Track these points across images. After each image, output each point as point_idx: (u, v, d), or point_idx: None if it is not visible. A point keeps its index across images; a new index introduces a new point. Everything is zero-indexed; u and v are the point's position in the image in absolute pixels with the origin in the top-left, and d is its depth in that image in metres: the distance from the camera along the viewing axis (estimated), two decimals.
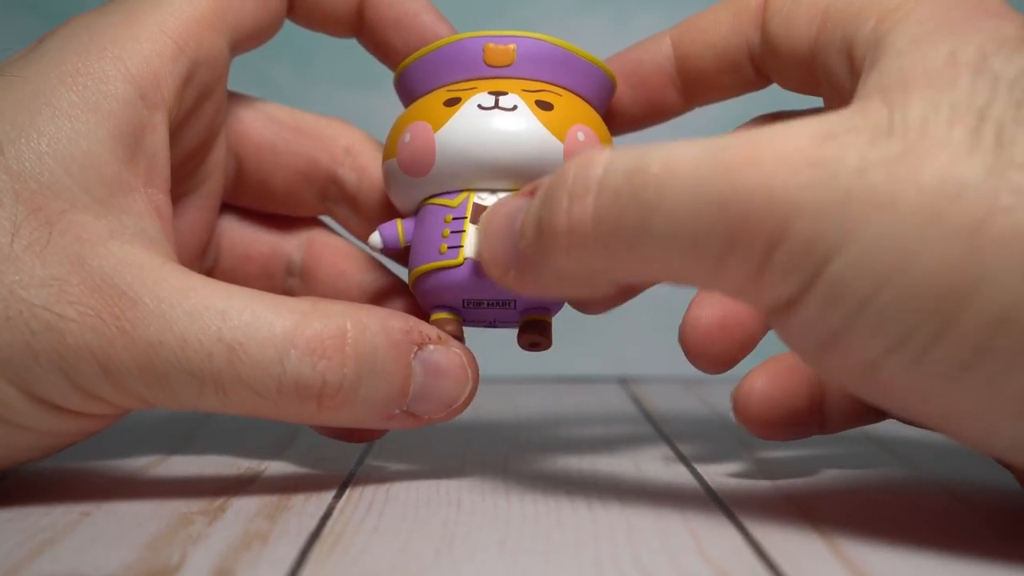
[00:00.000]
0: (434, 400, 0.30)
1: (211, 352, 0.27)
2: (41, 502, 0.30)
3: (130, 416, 0.46)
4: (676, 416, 0.47)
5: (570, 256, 0.26)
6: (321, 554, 0.25)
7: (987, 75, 0.23)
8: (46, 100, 0.29)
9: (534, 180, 0.28)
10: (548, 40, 0.32)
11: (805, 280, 0.23)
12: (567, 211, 0.25)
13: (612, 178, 0.25)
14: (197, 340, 0.28)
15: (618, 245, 0.25)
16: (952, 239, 0.22)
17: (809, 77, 0.31)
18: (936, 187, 0.22)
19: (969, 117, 0.23)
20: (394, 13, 0.34)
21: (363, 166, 0.35)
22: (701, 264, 0.24)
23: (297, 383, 0.28)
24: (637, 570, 0.24)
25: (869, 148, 0.23)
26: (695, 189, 0.23)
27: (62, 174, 0.28)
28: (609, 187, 0.25)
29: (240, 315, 0.28)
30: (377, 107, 0.36)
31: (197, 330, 0.28)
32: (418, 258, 0.32)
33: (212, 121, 0.34)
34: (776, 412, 0.31)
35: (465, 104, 0.31)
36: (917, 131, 0.23)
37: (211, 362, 0.28)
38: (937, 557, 0.24)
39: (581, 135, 0.31)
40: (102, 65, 0.30)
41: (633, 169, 0.24)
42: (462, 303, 0.32)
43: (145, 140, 0.30)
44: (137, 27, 0.31)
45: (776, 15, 0.31)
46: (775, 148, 0.23)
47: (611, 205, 0.25)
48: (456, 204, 0.31)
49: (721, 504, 0.29)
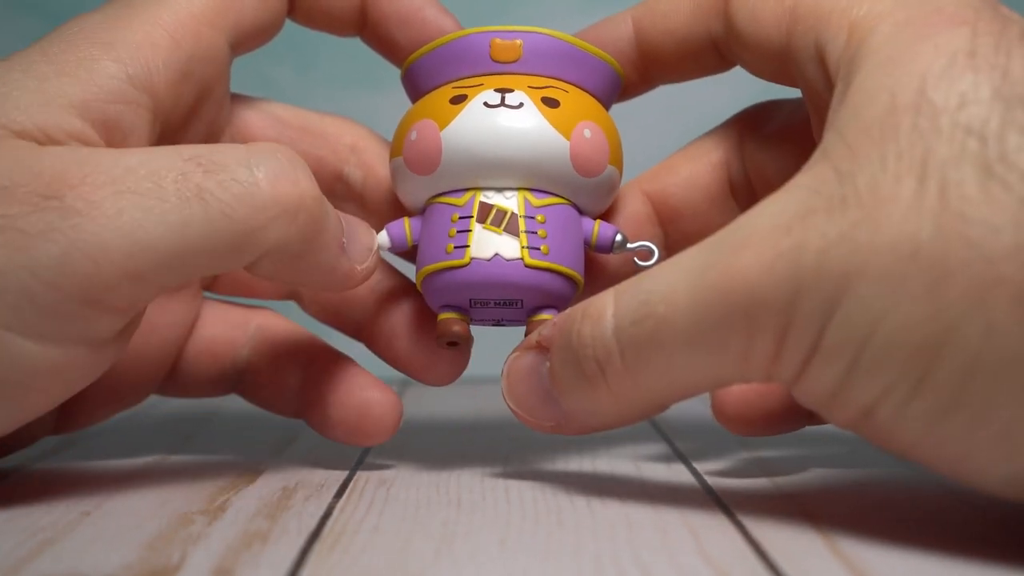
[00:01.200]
0: (358, 242, 0.31)
1: (184, 171, 0.27)
2: (41, 502, 0.30)
3: (130, 416, 0.46)
4: (676, 416, 0.47)
5: (617, 406, 0.28)
6: (321, 554, 0.25)
7: (927, 113, 0.24)
8: (21, 67, 0.29)
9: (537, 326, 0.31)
10: (554, 35, 0.32)
11: (809, 350, 0.24)
12: (601, 374, 0.27)
13: (627, 332, 0.26)
14: (166, 168, 0.27)
15: (656, 381, 0.27)
16: (917, 299, 0.23)
17: (781, 71, 0.30)
18: (892, 249, 0.23)
19: (913, 167, 0.23)
20: (397, 9, 0.34)
21: (368, 163, 0.35)
22: (728, 367, 0.25)
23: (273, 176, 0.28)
24: (637, 569, 0.24)
25: (828, 225, 0.24)
26: (700, 316, 0.25)
27: (17, 114, 0.28)
28: (627, 340, 0.26)
29: (200, 147, 0.28)
30: (380, 107, 0.36)
31: (165, 160, 0.27)
32: (425, 258, 0.32)
33: (214, 121, 0.34)
34: (751, 411, 0.32)
35: (471, 102, 0.31)
36: (868, 195, 0.23)
37: (187, 180, 0.27)
38: (937, 557, 0.24)
39: (587, 132, 0.31)
40: (90, 48, 0.30)
41: (640, 316, 0.26)
42: (469, 302, 0.32)
43: (124, 116, 0.30)
44: (132, 20, 0.31)
45: (741, 9, 0.31)
46: (751, 255, 0.24)
47: (636, 356, 0.26)
48: (463, 203, 0.31)
49: (721, 503, 0.29)
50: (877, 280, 0.23)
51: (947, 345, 0.22)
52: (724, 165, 0.34)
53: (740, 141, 0.34)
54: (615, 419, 0.28)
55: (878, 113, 0.24)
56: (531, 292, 0.31)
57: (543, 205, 0.31)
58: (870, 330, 0.23)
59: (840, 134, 0.25)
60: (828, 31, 0.27)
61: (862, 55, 0.26)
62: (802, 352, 0.24)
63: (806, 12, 0.28)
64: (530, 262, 0.31)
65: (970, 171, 0.23)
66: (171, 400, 0.51)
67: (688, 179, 0.34)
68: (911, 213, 0.23)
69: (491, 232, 0.31)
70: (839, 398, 0.24)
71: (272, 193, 0.28)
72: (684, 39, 0.33)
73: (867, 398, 0.24)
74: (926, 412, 0.23)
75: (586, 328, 0.27)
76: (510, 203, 0.31)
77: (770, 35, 0.30)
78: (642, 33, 0.33)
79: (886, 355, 0.23)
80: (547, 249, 0.31)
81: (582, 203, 0.32)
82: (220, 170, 0.27)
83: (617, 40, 0.34)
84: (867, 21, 0.26)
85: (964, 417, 0.23)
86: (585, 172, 0.31)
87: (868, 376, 0.23)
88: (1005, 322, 0.22)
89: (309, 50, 0.60)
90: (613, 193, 0.33)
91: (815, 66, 0.28)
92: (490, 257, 0.31)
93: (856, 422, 0.25)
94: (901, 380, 0.23)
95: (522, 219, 0.31)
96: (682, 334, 0.25)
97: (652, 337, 0.26)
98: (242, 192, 0.27)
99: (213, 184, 0.27)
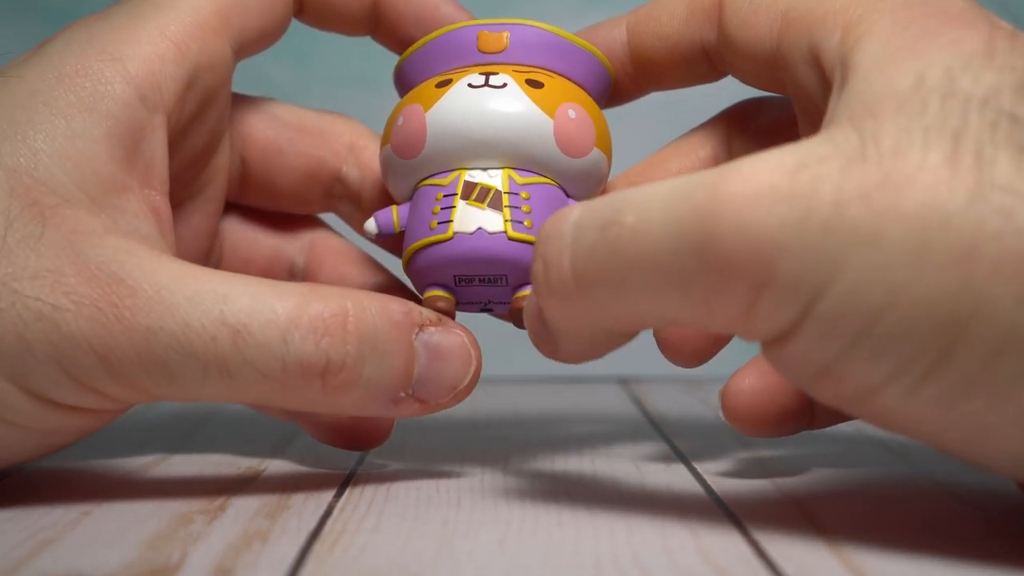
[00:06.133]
0: (438, 383, 0.29)
1: (214, 335, 0.27)
2: (41, 501, 0.30)
3: (130, 416, 0.46)
4: (676, 416, 0.47)
5: (561, 316, 0.26)
6: (321, 553, 0.25)
7: (957, 96, 0.23)
8: (43, 99, 0.29)
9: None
10: (541, 27, 0.32)
11: (796, 316, 0.22)
12: (544, 273, 0.25)
13: (585, 234, 0.24)
14: (200, 324, 0.27)
15: (604, 298, 0.25)
16: (943, 269, 0.21)
17: (771, 77, 0.30)
18: (920, 217, 0.21)
19: (944, 141, 0.22)
20: (413, 10, 0.34)
21: (365, 162, 0.35)
22: (689, 308, 0.24)
23: (301, 361, 0.28)
24: (637, 569, 0.24)
25: (844, 178, 0.22)
26: (672, 235, 0.23)
27: (57, 170, 0.28)
28: (583, 243, 0.24)
29: (241, 298, 0.28)
30: (377, 106, 0.36)
31: (199, 314, 0.27)
32: (410, 238, 0.32)
33: (215, 126, 0.34)
34: (765, 410, 0.31)
35: (456, 84, 0.31)
36: (892, 158, 0.22)
37: (215, 345, 0.27)
38: (937, 556, 0.24)
39: (572, 112, 0.31)
40: (101, 66, 0.30)
41: (607, 222, 0.24)
42: (454, 280, 0.31)
43: (143, 142, 0.30)
44: (138, 30, 0.31)
45: (734, 16, 0.31)
46: (746, 182, 0.22)
47: (588, 262, 0.24)
48: (447, 183, 0.31)
49: (721, 503, 0.29)
50: (897, 248, 0.21)
51: (975, 320, 0.21)
52: (713, 160, 0.34)
53: (728, 137, 0.34)
54: (572, 340, 0.27)
55: (904, 88, 0.23)
56: (515, 267, 0.31)
57: (528, 183, 0.31)
58: (884, 303, 0.22)
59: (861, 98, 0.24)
60: (822, 31, 0.27)
61: (866, 45, 0.25)
62: (785, 315, 0.22)
63: (798, 16, 0.28)
64: (513, 235, 0.30)
65: (1004, 148, 0.22)
66: None
67: (677, 174, 0.34)
68: (941, 181, 0.22)
69: (475, 207, 0.31)
70: (832, 374, 0.23)
71: (301, 378, 0.28)
72: (676, 45, 0.33)
73: (871, 377, 0.22)
74: (941, 393, 0.22)
75: (545, 227, 0.26)
76: (494, 181, 0.31)
77: (762, 40, 0.30)
78: (635, 38, 0.33)
79: (902, 331, 0.22)
80: (531, 224, 0.31)
81: (569, 186, 0.32)
82: (254, 347, 0.28)
83: (611, 44, 0.34)
84: (865, 19, 0.26)
85: (983, 398, 0.22)
86: (570, 152, 0.31)
87: (876, 354, 0.22)
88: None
89: (307, 49, 0.60)
90: (602, 181, 0.33)
91: (808, 68, 0.28)
92: (473, 231, 0.30)
93: (849, 400, 0.23)
94: (917, 359, 0.22)
95: (506, 195, 0.31)
96: (646, 254, 0.23)
97: (612, 248, 0.24)
98: (269, 373, 0.28)
99: (238, 363, 0.27)
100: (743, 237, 0.22)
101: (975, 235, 0.21)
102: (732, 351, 0.33)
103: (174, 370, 0.27)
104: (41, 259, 0.27)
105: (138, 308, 0.27)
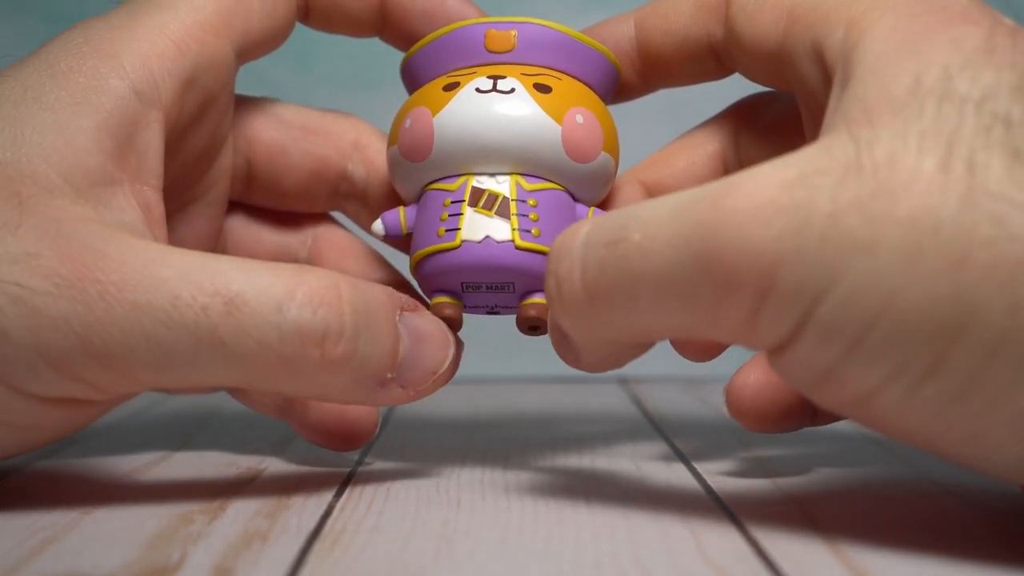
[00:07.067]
0: (420, 367, 0.29)
1: (206, 305, 0.26)
2: (41, 501, 0.30)
3: (130, 416, 0.46)
4: (676, 416, 0.47)
5: (576, 330, 0.27)
6: (321, 553, 0.25)
7: (953, 99, 0.23)
8: (34, 95, 0.29)
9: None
10: (549, 25, 0.33)
11: (797, 323, 0.23)
12: (557, 290, 0.26)
13: (594, 251, 0.25)
14: (190, 295, 0.26)
15: (614, 312, 0.25)
16: (936, 276, 0.22)
17: (776, 73, 0.30)
18: (912, 224, 0.22)
19: (938, 146, 0.22)
20: (420, 5, 0.34)
21: (371, 160, 0.35)
22: (695, 319, 0.24)
23: (299, 329, 0.27)
24: (637, 569, 0.24)
25: (839, 189, 0.22)
26: (677, 250, 0.24)
27: (41, 162, 0.28)
28: (592, 260, 0.25)
29: (233, 272, 0.27)
30: (379, 107, 0.36)
31: (190, 286, 0.26)
32: (418, 243, 0.32)
33: (217, 127, 0.33)
34: (769, 406, 0.31)
35: (463, 88, 0.31)
36: (887, 166, 0.22)
37: (206, 316, 0.26)
38: (937, 556, 0.24)
39: (580, 118, 0.31)
40: (96, 63, 0.30)
41: (615, 239, 0.25)
42: (461, 287, 0.31)
43: (136, 136, 0.30)
44: (137, 29, 0.30)
45: (740, 12, 0.31)
46: (747, 197, 0.23)
47: (598, 277, 0.25)
48: (455, 188, 0.31)
49: (721, 503, 0.29)
50: (892, 255, 0.22)
51: (968, 325, 0.22)
52: (720, 156, 0.34)
53: (735, 133, 0.34)
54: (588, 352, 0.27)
55: (901, 91, 0.24)
56: (521, 274, 0.31)
57: (535, 189, 0.31)
58: (879, 308, 0.22)
59: (859, 103, 0.24)
60: (825, 27, 0.27)
61: (867, 42, 0.25)
62: (786, 322, 0.23)
63: (804, 12, 0.28)
64: (520, 244, 0.30)
65: (998, 154, 0.22)
66: (171, 400, 0.51)
67: (685, 169, 0.34)
68: (934, 188, 0.22)
69: (482, 215, 0.31)
70: (832, 379, 0.23)
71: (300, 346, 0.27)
72: (683, 42, 0.33)
73: (869, 381, 0.23)
74: (937, 396, 0.22)
75: (555, 245, 0.26)
76: (502, 187, 0.31)
77: (768, 36, 0.30)
78: (643, 34, 0.34)
79: (897, 336, 0.22)
80: (538, 232, 0.31)
81: (576, 190, 0.32)
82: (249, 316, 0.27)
83: (618, 40, 0.34)
84: (868, 15, 0.26)
85: (979, 401, 0.22)
86: (577, 157, 0.31)
87: (873, 358, 0.22)
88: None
89: (308, 50, 0.60)
90: (609, 182, 0.33)
91: (811, 64, 0.28)
92: (481, 239, 0.31)
93: (849, 405, 0.24)
94: (913, 363, 0.22)
95: (513, 202, 0.31)
96: (653, 269, 0.24)
97: (621, 264, 0.25)
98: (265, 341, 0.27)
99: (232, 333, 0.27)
100: (744, 249, 0.23)
101: (967, 241, 0.22)
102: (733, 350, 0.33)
103: (163, 346, 0.26)
104: (20, 243, 0.27)
105: (124, 283, 0.26)
